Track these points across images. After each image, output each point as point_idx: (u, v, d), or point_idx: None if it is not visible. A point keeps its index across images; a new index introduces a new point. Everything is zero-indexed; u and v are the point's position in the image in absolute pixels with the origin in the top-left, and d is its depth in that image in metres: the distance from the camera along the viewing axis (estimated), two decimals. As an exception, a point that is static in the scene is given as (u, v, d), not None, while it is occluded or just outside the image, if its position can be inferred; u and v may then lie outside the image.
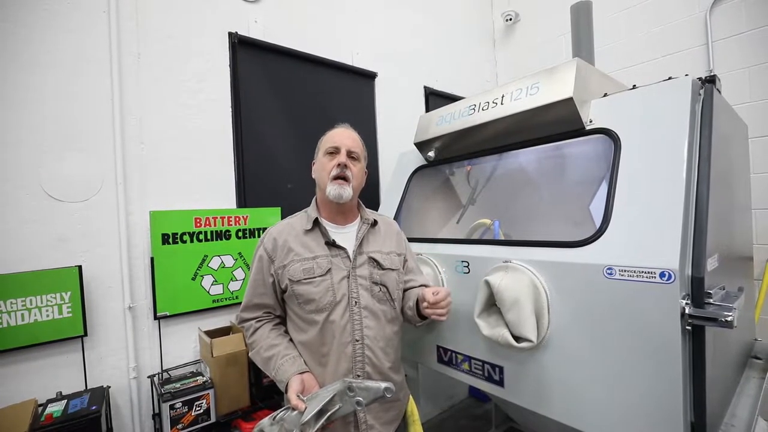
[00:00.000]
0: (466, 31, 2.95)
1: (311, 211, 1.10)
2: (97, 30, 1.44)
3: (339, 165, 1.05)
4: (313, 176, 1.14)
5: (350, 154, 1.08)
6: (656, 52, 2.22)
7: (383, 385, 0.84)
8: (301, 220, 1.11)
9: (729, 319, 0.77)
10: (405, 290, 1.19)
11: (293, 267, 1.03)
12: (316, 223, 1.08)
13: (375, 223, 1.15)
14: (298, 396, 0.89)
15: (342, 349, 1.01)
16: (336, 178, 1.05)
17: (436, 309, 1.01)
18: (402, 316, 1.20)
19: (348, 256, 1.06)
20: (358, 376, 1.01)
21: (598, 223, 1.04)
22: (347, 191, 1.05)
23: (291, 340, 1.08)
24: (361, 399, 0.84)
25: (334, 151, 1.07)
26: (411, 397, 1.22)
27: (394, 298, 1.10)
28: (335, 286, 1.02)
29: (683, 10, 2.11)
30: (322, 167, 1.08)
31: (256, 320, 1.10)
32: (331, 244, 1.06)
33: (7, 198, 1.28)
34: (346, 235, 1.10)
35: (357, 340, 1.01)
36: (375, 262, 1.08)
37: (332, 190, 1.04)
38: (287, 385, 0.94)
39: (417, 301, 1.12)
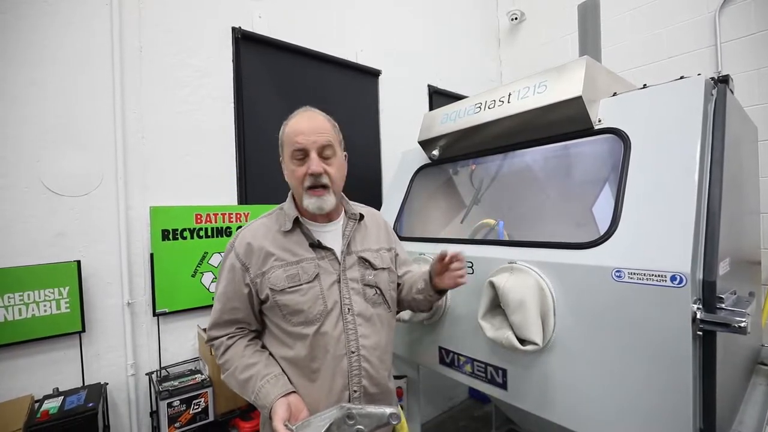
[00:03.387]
0: (471, 30, 2.92)
1: (289, 209, 0.95)
2: (99, 23, 1.42)
3: (312, 175, 0.88)
4: (286, 179, 0.96)
5: (323, 152, 0.90)
6: (663, 53, 2.20)
7: (388, 411, 0.75)
8: (277, 219, 0.96)
9: (742, 324, 0.75)
10: (404, 281, 1.12)
11: (274, 274, 0.89)
12: (297, 222, 0.94)
13: (362, 217, 1.03)
14: (286, 426, 0.76)
15: (336, 364, 0.90)
16: (311, 188, 0.89)
17: (454, 269, 0.95)
18: (406, 308, 1.13)
19: (336, 258, 0.94)
20: (355, 391, 0.91)
21: (600, 225, 1.02)
22: (328, 201, 0.91)
23: (270, 354, 0.94)
24: (362, 427, 0.74)
25: (302, 156, 0.89)
26: (400, 408, 1.17)
27: (387, 300, 1.02)
28: (325, 292, 0.91)
29: (691, 11, 2.09)
30: (292, 174, 0.91)
31: (228, 337, 0.94)
32: (317, 246, 0.93)
33: (6, 192, 1.26)
34: (331, 234, 0.97)
35: (353, 352, 0.91)
36: (366, 262, 0.98)
37: (311, 203, 0.89)
38: (271, 410, 0.81)
39: (429, 278, 1.03)
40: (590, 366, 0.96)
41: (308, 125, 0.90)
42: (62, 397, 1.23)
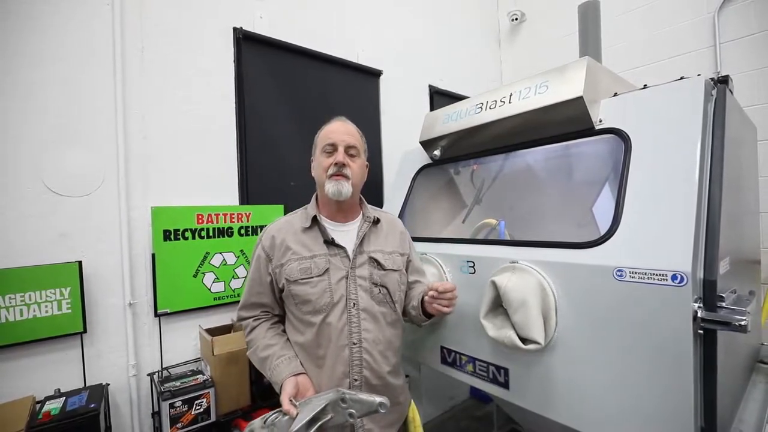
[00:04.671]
0: (472, 31, 2.93)
1: (310, 209, 1.08)
2: (101, 23, 1.43)
3: (336, 164, 1.02)
4: (312, 174, 1.12)
5: (348, 150, 1.05)
6: (663, 54, 2.21)
7: (377, 399, 0.82)
8: (300, 217, 1.09)
9: (743, 323, 0.76)
10: (409, 290, 1.16)
11: (290, 266, 1.01)
12: (315, 220, 1.05)
13: (377, 220, 1.12)
14: (290, 400, 0.88)
15: (339, 353, 0.98)
16: (334, 175, 1.02)
17: (442, 299, 0.99)
18: (406, 317, 1.17)
19: (347, 256, 1.03)
20: (356, 380, 0.99)
21: (600, 225, 1.02)
22: (346, 187, 1.02)
23: (288, 339, 1.06)
24: (353, 411, 0.83)
25: (331, 149, 1.04)
26: (413, 402, 1.19)
27: (395, 300, 1.08)
28: (333, 286, 1.00)
29: (691, 12, 2.10)
30: (320, 165, 1.06)
31: (254, 319, 1.09)
32: (330, 243, 1.03)
33: (7, 192, 1.26)
34: (346, 234, 1.07)
35: (354, 344, 0.99)
36: (376, 263, 1.05)
37: (331, 187, 1.02)
38: (281, 387, 0.93)
39: (422, 299, 1.10)
40: (592, 365, 0.96)
41: (341, 128, 1.07)
42: (64, 398, 1.23)
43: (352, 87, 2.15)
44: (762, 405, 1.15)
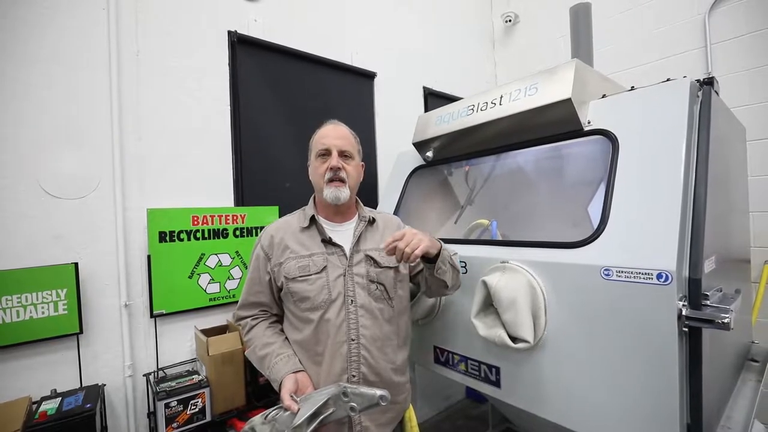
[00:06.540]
0: (466, 32, 2.95)
1: (308, 209, 1.11)
2: (96, 26, 1.44)
3: (332, 169, 1.04)
4: (310, 178, 1.14)
5: (342, 154, 1.07)
6: (655, 55, 2.23)
7: (378, 392, 0.83)
8: (298, 218, 1.12)
9: (726, 320, 0.77)
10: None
11: (289, 264, 1.03)
12: (313, 220, 1.08)
13: (373, 220, 1.15)
14: (291, 396, 0.89)
15: (337, 349, 1.00)
16: (331, 180, 1.04)
17: (391, 250, 0.92)
18: (436, 294, 1.17)
19: (344, 254, 1.06)
20: (353, 376, 1.00)
21: (595, 224, 1.04)
22: (344, 192, 1.05)
23: (286, 338, 1.08)
24: (354, 405, 0.84)
25: (325, 153, 1.07)
26: (411, 407, 1.20)
27: (391, 297, 1.09)
28: (331, 284, 1.02)
29: (682, 13, 2.12)
30: (316, 170, 1.08)
31: (252, 318, 1.11)
32: (328, 242, 1.06)
33: (3, 194, 1.27)
34: (343, 233, 1.10)
35: (353, 340, 1.00)
36: (372, 260, 1.07)
37: (329, 193, 1.04)
38: (281, 384, 0.94)
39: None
40: (580, 362, 0.98)
41: (333, 132, 1.09)
42: (60, 398, 1.24)
43: (347, 89, 2.16)
44: (750, 402, 1.16)
